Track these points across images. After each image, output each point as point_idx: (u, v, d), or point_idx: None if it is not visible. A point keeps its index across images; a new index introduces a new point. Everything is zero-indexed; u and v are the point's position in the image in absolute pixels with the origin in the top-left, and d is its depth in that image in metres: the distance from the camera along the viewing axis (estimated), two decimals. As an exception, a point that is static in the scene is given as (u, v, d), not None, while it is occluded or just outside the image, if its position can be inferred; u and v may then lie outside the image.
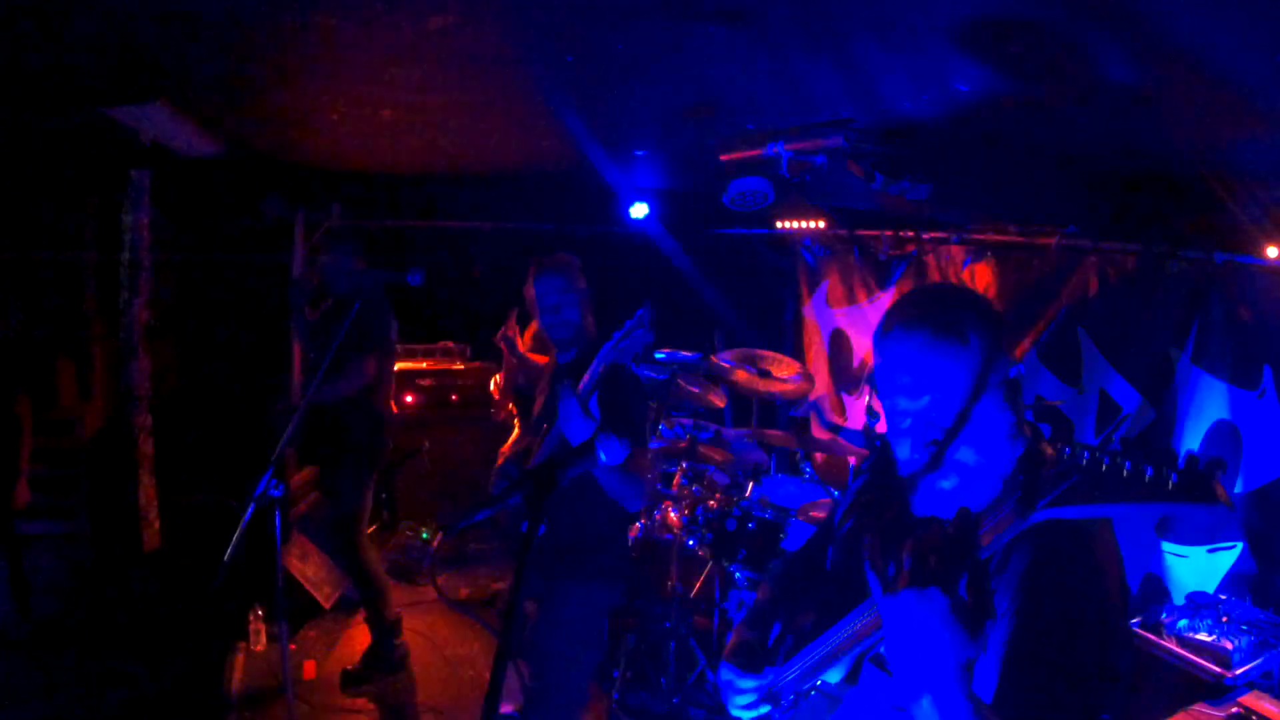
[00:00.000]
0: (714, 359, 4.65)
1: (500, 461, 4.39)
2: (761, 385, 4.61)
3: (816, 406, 5.90)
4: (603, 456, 1.55)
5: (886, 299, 5.48)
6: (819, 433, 5.79)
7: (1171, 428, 3.87)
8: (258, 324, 5.56)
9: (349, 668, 4.00)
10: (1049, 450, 1.09)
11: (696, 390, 4.74)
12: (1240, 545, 3.61)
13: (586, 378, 2.48)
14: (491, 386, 5.02)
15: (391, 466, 5.49)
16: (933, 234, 5.06)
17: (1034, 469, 1.02)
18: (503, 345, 4.35)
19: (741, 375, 4.61)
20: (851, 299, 5.77)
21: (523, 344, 4.37)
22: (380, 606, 3.99)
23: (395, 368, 4.66)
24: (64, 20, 2.25)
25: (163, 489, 4.57)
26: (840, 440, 5.26)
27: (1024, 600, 1.13)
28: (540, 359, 4.32)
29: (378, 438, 3.97)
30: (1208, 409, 3.75)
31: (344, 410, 3.85)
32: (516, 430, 4.74)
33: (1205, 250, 3.68)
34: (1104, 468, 0.96)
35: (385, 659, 3.99)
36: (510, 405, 4.77)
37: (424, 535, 5.51)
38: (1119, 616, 1.18)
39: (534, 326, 4.63)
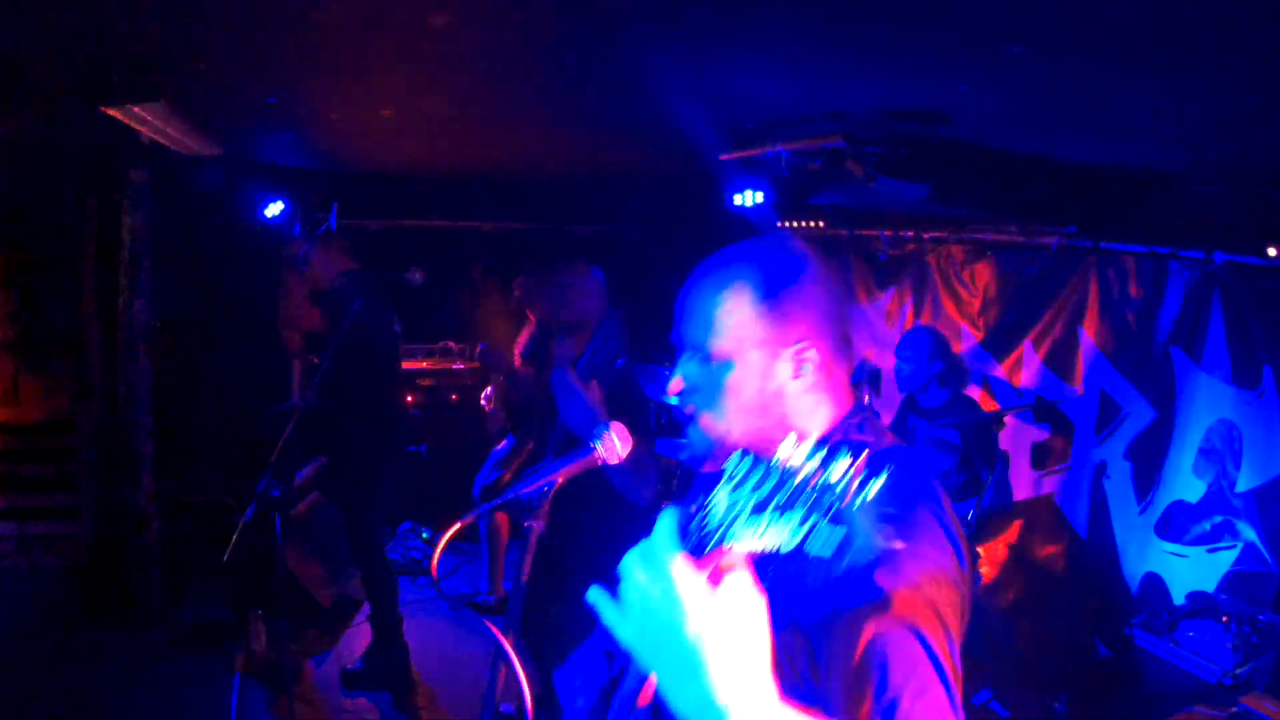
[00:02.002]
0: None
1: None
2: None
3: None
4: (598, 448, 1.55)
5: (886, 299, 5.48)
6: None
7: (1172, 427, 3.87)
8: (258, 324, 5.56)
9: (349, 668, 4.00)
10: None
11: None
12: (1240, 545, 3.61)
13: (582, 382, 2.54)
14: (484, 402, 5.05)
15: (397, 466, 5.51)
16: (933, 234, 5.06)
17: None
18: (492, 369, 4.43)
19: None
20: (851, 299, 5.77)
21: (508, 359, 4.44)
22: (387, 606, 3.99)
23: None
24: (63, 19, 2.25)
25: (163, 489, 4.57)
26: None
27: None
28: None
29: (388, 436, 3.97)
30: (1208, 408, 3.75)
31: (353, 409, 3.85)
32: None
33: (1205, 250, 3.68)
34: None
35: (385, 659, 3.99)
36: (504, 418, 4.80)
37: (424, 535, 5.52)
38: None
39: (520, 341, 4.68)
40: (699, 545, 0.84)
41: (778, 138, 3.43)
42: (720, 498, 0.85)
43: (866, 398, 5.38)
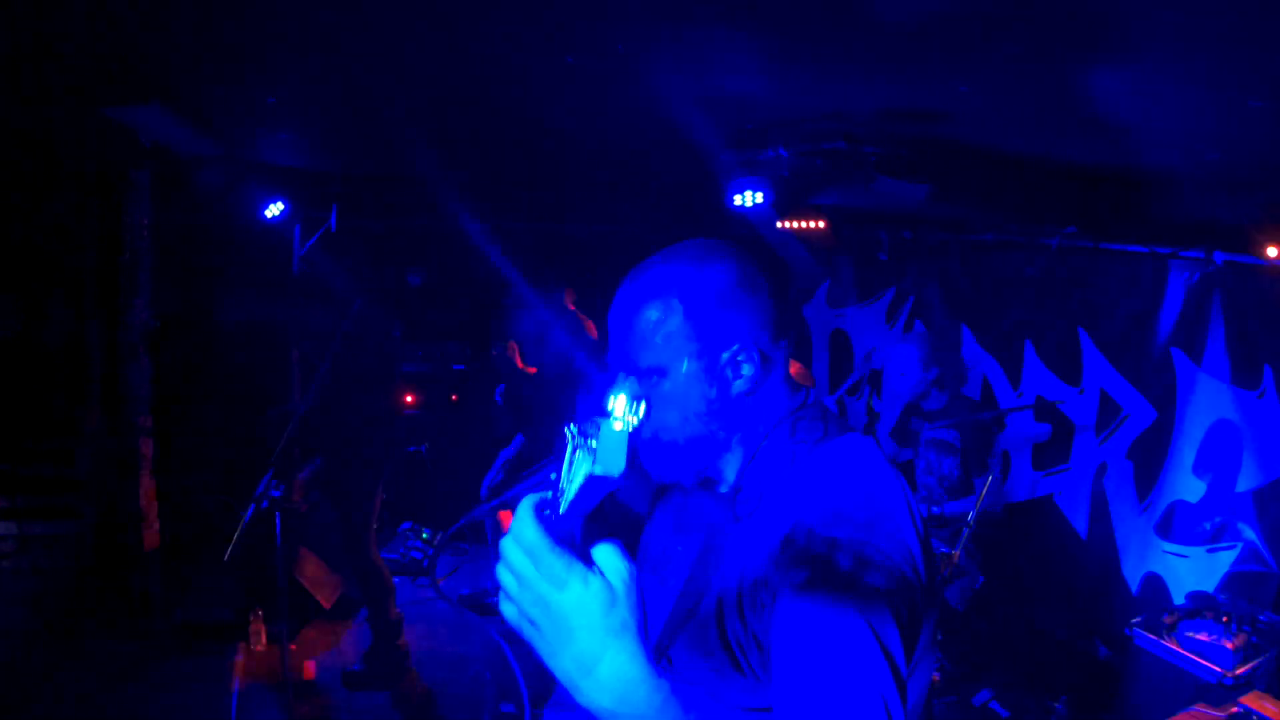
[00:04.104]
0: None
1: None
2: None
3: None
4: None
5: (887, 299, 5.48)
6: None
7: (1171, 428, 3.87)
8: (258, 324, 5.55)
9: (349, 668, 4.00)
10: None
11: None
12: (1240, 545, 3.61)
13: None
14: (499, 398, 5.03)
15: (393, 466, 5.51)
16: (933, 234, 5.07)
17: None
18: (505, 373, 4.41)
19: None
20: (852, 299, 5.78)
21: (520, 361, 4.42)
22: (383, 606, 4.00)
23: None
24: (63, 19, 2.26)
25: (163, 489, 4.57)
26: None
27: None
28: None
29: (383, 437, 3.97)
30: (1208, 408, 3.75)
31: (348, 410, 3.85)
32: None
33: (1205, 250, 3.68)
34: None
35: (385, 659, 3.99)
36: (512, 418, 4.80)
37: (424, 535, 5.52)
38: None
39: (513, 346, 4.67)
40: (556, 518, 0.90)
41: (778, 138, 3.43)
42: (566, 473, 0.96)
43: (867, 398, 5.39)
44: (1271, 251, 3.27)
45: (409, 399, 5.93)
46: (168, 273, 4.64)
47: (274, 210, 4.93)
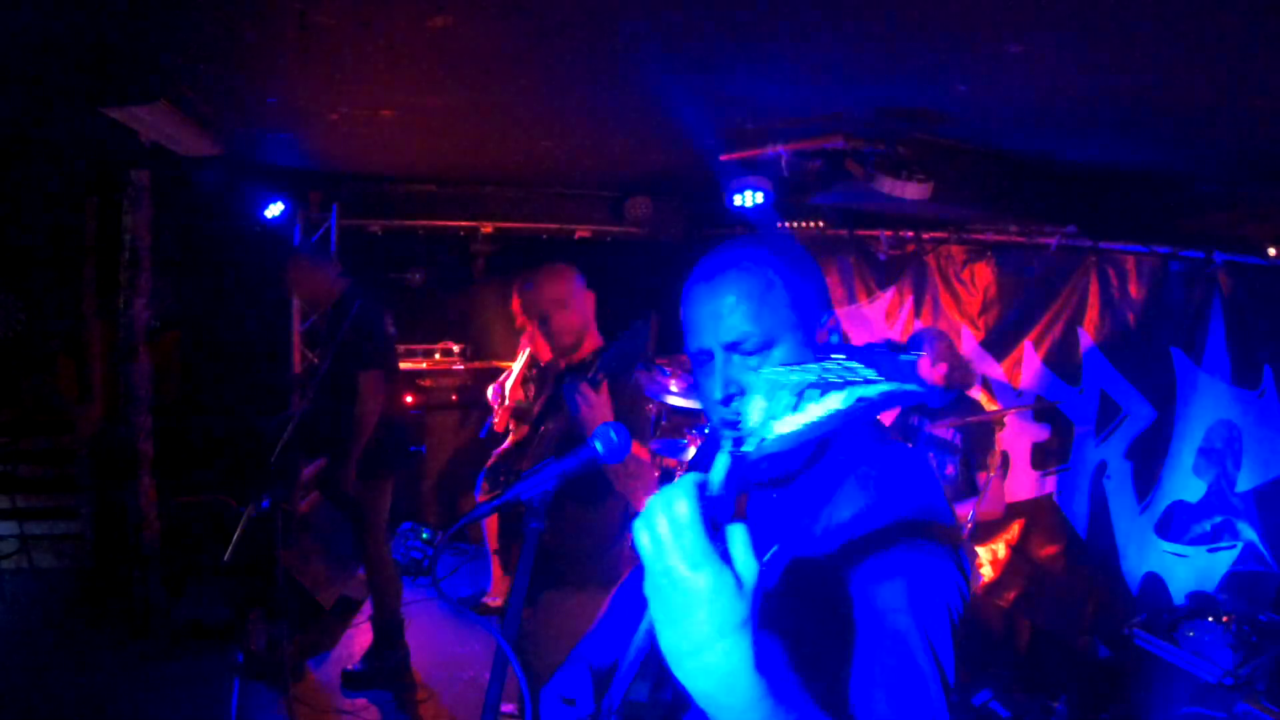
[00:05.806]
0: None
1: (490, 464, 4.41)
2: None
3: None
4: (600, 449, 1.53)
5: (887, 299, 5.48)
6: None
7: (1172, 427, 3.88)
8: (257, 324, 5.56)
9: (349, 668, 4.00)
10: None
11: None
12: (1240, 545, 3.62)
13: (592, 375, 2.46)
14: (490, 395, 5.03)
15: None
16: (933, 234, 5.07)
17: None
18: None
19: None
20: (851, 299, 5.77)
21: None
22: (388, 606, 4.00)
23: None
24: (63, 19, 2.26)
25: (163, 489, 4.57)
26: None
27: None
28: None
29: (384, 438, 3.97)
30: (1208, 408, 3.75)
31: (347, 411, 3.85)
32: (511, 438, 4.76)
33: (1205, 250, 3.68)
34: None
35: (385, 659, 3.99)
36: (510, 421, 4.80)
37: (424, 535, 5.52)
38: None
39: (538, 348, 4.66)
40: (708, 499, 0.86)
41: (778, 138, 3.43)
42: (712, 456, 0.91)
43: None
44: (1271, 251, 3.27)
45: (409, 399, 5.94)
46: (168, 273, 4.65)
47: (274, 210, 4.93)
